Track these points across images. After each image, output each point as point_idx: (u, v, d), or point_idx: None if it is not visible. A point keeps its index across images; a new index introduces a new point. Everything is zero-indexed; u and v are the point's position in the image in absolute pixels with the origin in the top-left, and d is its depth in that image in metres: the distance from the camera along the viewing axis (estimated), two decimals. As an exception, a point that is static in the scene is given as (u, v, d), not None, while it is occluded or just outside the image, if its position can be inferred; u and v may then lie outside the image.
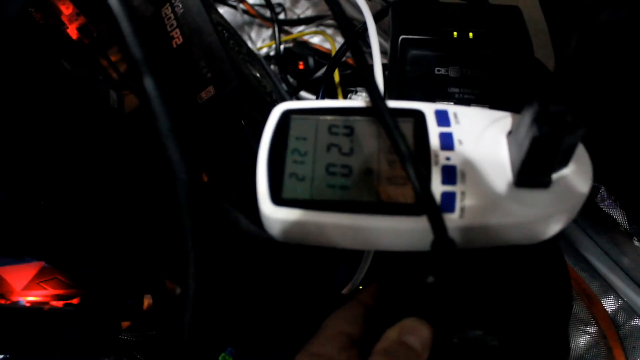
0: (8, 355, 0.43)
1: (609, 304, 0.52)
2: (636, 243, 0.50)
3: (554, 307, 0.28)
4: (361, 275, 0.38)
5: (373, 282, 0.34)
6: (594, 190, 0.52)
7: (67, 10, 0.46)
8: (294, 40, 0.72)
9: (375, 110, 0.27)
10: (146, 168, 0.45)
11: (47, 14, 0.45)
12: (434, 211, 0.24)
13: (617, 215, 0.51)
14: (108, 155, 0.42)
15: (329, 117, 0.30)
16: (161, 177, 0.44)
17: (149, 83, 0.21)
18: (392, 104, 0.29)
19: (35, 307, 0.43)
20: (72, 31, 0.47)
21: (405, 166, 0.25)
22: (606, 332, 0.50)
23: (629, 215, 0.51)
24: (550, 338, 0.28)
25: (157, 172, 0.44)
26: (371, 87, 0.27)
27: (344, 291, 0.40)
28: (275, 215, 0.27)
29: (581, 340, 0.51)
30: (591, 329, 0.51)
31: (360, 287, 0.41)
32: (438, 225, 0.24)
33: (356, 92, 0.59)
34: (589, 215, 0.54)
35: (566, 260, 0.31)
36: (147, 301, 0.50)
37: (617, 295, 0.52)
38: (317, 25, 0.73)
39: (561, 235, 0.31)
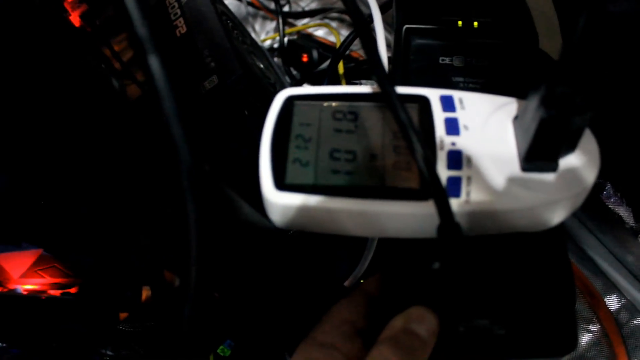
0: (4, 344, 0.42)
1: (612, 302, 0.51)
2: (642, 240, 0.50)
3: (560, 297, 0.28)
4: (364, 266, 0.38)
5: (376, 273, 0.33)
6: (599, 187, 0.51)
7: (69, -3, 0.46)
8: (298, 32, 0.72)
9: (382, 93, 0.27)
10: (147, 157, 0.45)
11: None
12: (440, 195, 0.24)
13: (623, 212, 0.51)
14: (109, 143, 0.42)
15: (333, 103, 0.30)
16: (162, 167, 0.44)
17: (154, 62, 0.21)
18: (397, 90, 0.29)
19: (33, 296, 0.43)
20: (75, 18, 0.46)
21: (412, 149, 0.25)
22: (609, 330, 0.50)
23: (635, 212, 0.50)
24: (558, 328, 0.27)
25: (159, 162, 0.44)
26: (378, 71, 0.27)
27: (346, 283, 0.40)
28: (278, 201, 0.27)
29: (583, 338, 0.50)
30: (593, 327, 0.50)
31: (362, 281, 0.41)
32: (444, 209, 0.24)
33: (360, 84, 0.59)
34: (592, 212, 0.53)
35: (569, 257, 0.31)
36: (145, 293, 0.49)
37: (621, 294, 0.51)
38: (322, 18, 0.73)
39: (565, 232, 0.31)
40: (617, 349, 0.48)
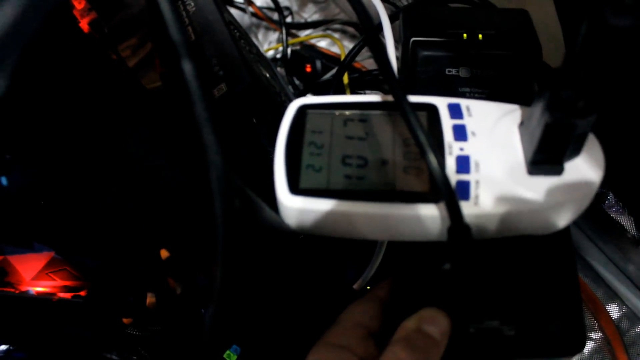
0: (11, 347, 0.42)
1: (614, 311, 0.52)
2: (643, 249, 0.50)
3: (568, 298, 0.29)
4: (373, 269, 0.38)
5: (387, 277, 0.34)
6: (601, 197, 0.52)
7: (79, 4, 0.46)
8: (301, 43, 0.73)
9: (394, 98, 0.27)
10: (159, 166, 0.45)
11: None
12: (451, 197, 0.25)
13: (625, 221, 0.52)
14: (122, 147, 0.43)
15: (344, 112, 0.31)
16: (172, 177, 0.44)
17: (187, 66, 0.21)
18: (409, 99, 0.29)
19: (44, 298, 0.43)
20: (84, 25, 0.47)
21: (423, 151, 0.25)
22: (611, 338, 0.50)
23: (637, 221, 0.51)
24: (566, 328, 0.28)
25: (169, 172, 0.44)
26: (390, 79, 0.27)
27: (355, 286, 0.40)
28: (293, 205, 0.28)
29: (586, 346, 0.50)
30: (595, 335, 0.51)
31: (368, 287, 0.41)
32: (454, 211, 0.25)
33: (364, 95, 0.59)
34: (594, 221, 0.54)
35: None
36: (149, 299, 0.50)
37: (622, 302, 0.52)
38: (324, 29, 0.74)
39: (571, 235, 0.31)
40: (619, 356, 0.49)
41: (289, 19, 0.76)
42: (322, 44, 0.73)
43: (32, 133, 0.37)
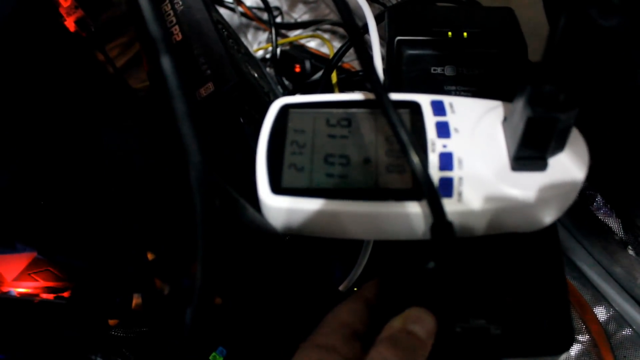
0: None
1: (601, 313, 0.52)
2: (630, 252, 0.50)
3: (555, 296, 0.28)
4: (358, 270, 0.38)
5: (374, 278, 0.33)
6: (590, 199, 0.52)
7: (65, 2, 0.46)
8: (291, 43, 0.73)
9: (375, 96, 0.27)
10: (146, 169, 0.45)
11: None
12: (433, 193, 0.25)
13: (612, 223, 0.51)
14: (109, 150, 0.42)
15: (326, 110, 0.31)
16: (160, 178, 0.44)
17: (166, 62, 0.21)
18: (390, 96, 0.29)
19: (26, 299, 0.42)
20: (70, 24, 0.47)
21: (404, 149, 0.25)
22: (598, 341, 0.50)
23: (624, 223, 0.51)
24: (554, 326, 0.28)
25: (157, 174, 0.44)
26: (371, 76, 0.27)
27: (341, 287, 0.40)
28: (275, 204, 0.28)
29: (573, 349, 0.51)
30: (583, 338, 0.51)
31: (355, 289, 0.41)
32: (437, 208, 0.25)
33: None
34: (582, 223, 0.54)
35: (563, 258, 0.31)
36: (135, 300, 0.49)
37: (609, 305, 0.52)
38: (314, 30, 0.74)
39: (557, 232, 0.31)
40: (606, 359, 0.49)
41: (278, 19, 0.76)
42: (312, 44, 0.73)
43: (12, 131, 0.37)
